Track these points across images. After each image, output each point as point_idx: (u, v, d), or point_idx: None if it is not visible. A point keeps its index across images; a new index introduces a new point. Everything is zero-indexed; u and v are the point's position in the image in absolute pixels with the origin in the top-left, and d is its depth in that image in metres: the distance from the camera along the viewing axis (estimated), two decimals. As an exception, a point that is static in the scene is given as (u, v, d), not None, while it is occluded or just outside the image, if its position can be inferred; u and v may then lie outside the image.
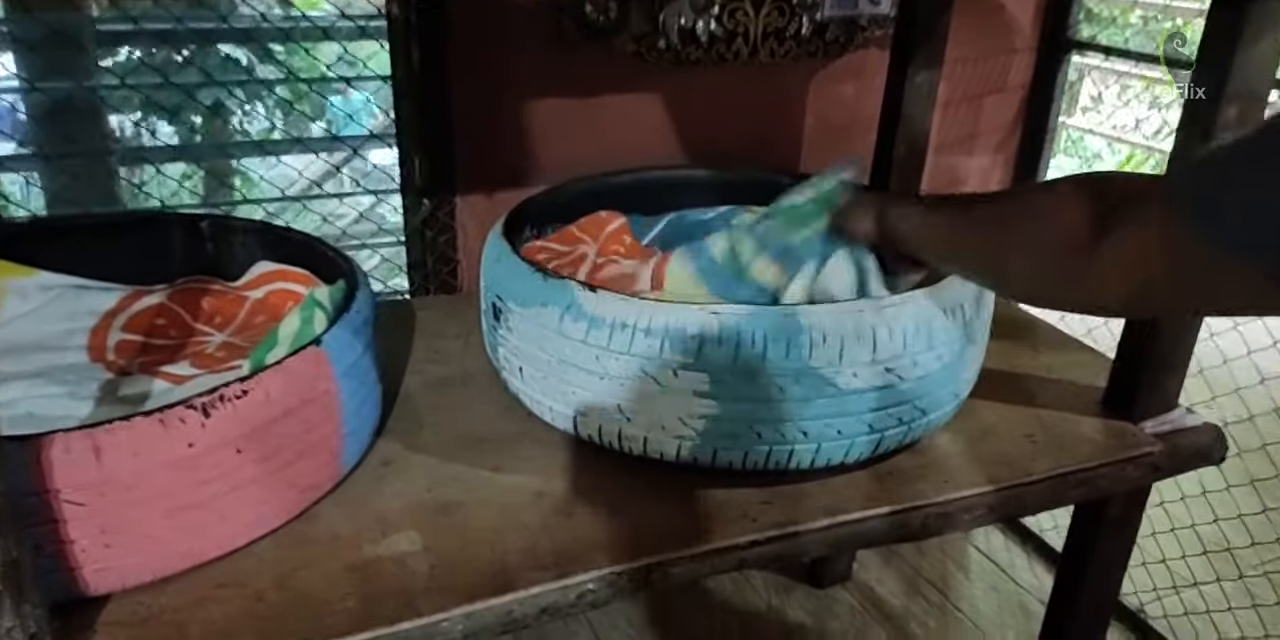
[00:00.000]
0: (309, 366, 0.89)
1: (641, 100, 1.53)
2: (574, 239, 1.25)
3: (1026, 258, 0.75)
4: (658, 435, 0.98)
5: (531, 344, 1.01)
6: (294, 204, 1.53)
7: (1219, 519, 1.69)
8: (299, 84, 1.67)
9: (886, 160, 1.54)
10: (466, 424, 1.10)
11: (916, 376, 0.99)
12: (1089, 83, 4.87)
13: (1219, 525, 1.69)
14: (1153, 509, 1.27)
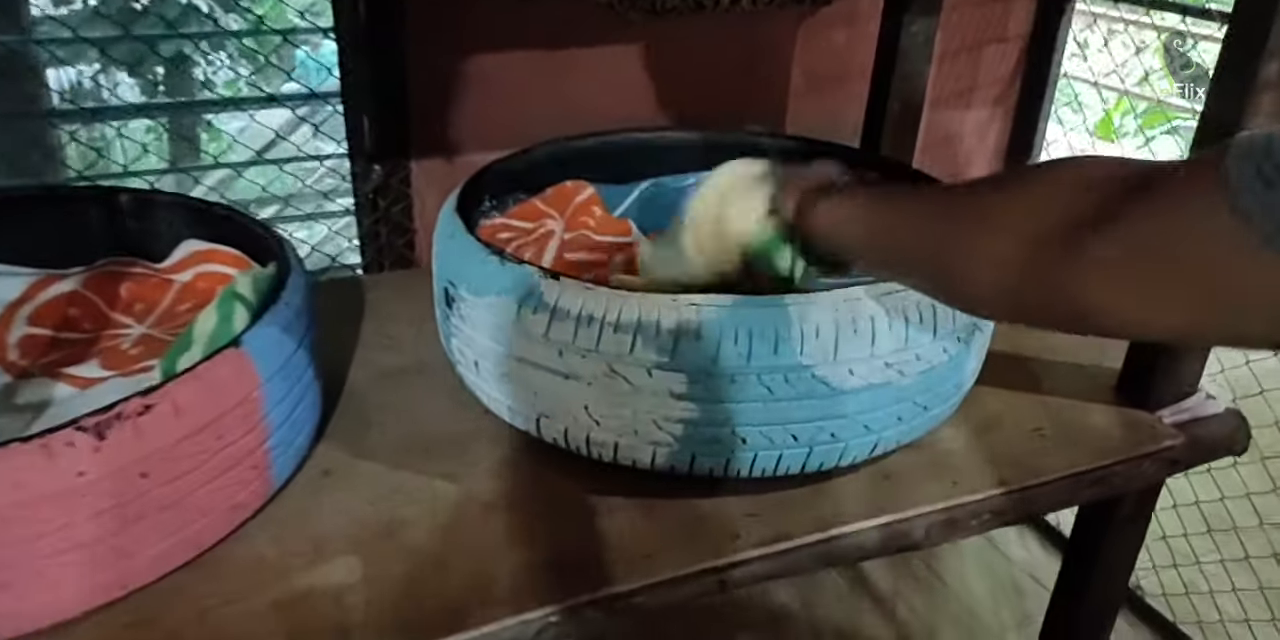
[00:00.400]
0: (228, 372, 0.77)
1: (613, 54, 1.39)
2: (538, 214, 1.12)
3: (996, 259, 0.57)
4: (630, 441, 0.87)
5: (487, 337, 0.90)
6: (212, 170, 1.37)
7: (1225, 497, 1.61)
8: (251, 37, 1.51)
9: (879, 117, 1.42)
10: (418, 423, 0.99)
11: (919, 371, 0.88)
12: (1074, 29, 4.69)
13: (1224, 503, 1.62)
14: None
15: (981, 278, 0.58)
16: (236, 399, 0.78)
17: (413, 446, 0.95)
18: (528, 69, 1.37)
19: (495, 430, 0.96)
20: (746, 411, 0.85)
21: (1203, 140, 0.97)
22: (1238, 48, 0.92)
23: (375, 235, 1.37)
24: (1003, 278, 0.56)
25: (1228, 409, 1.09)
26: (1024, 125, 1.80)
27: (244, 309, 0.84)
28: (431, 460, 0.94)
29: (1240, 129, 0.92)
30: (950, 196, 0.68)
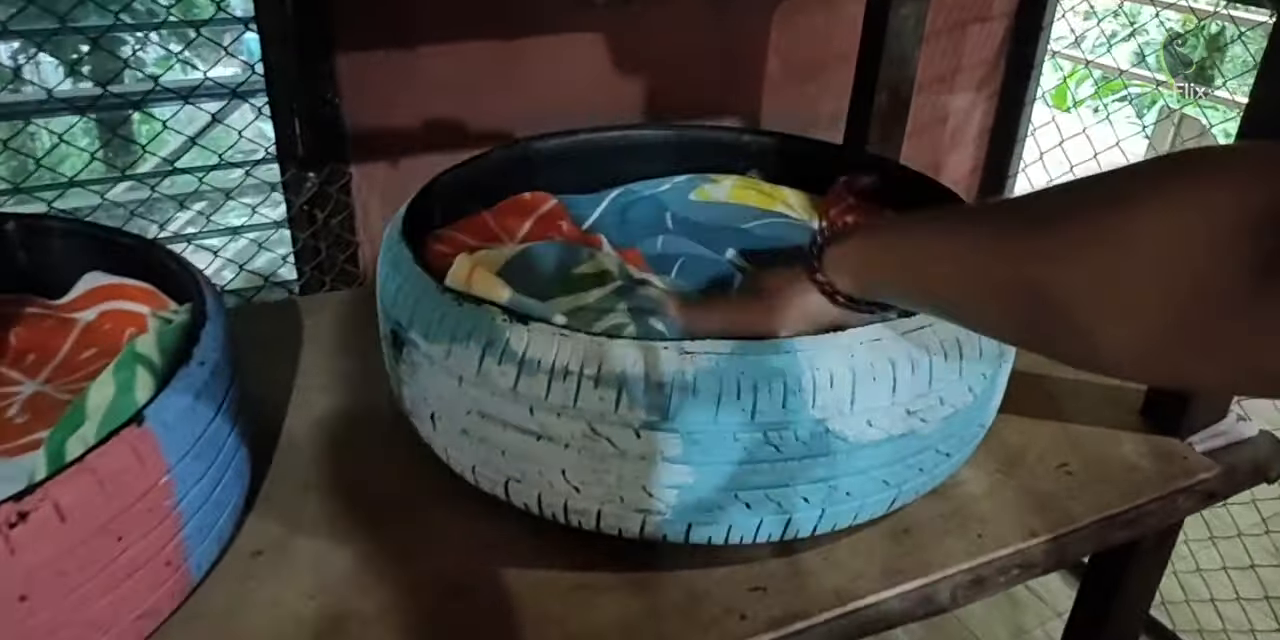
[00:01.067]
0: (128, 459, 0.63)
1: (573, 42, 1.25)
2: (488, 232, 0.98)
3: (1129, 307, 0.42)
4: (616, 509, 0.75)
5: (444, 388, 0.77)
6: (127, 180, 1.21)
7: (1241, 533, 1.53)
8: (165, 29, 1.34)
9: (865, 110, 1.30)
10: (366, 485, 0.86)
11: (943, 417, 0.77)
12: None
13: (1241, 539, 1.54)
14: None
15: (1108, 332, 0.43)
16: (140, 491, 0.64)
17: (361, 515, 0.82)
18: (478, 60, 1.23)
19: (458, 492, 0.83)
20: (751, 474, 0.73)
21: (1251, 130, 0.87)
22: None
23: (313, 250, 1.22)
24: (1140, 332, 0.42)
25: (1262, 431, 1.00)
26: (1010, 108, 1.69)
27: (147, 374, 0.70)
28: (385, 530, 0.81)
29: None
30: (1036, 220, 0.49)
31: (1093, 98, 4.66)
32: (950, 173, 1.72)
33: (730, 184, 1.12)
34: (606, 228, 1.07)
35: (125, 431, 0.64)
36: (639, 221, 1.07)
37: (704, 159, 1.16)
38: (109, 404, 0.68)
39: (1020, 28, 1.63)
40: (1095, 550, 0.91)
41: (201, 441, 0.70)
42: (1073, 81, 5.69)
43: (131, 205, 1.28)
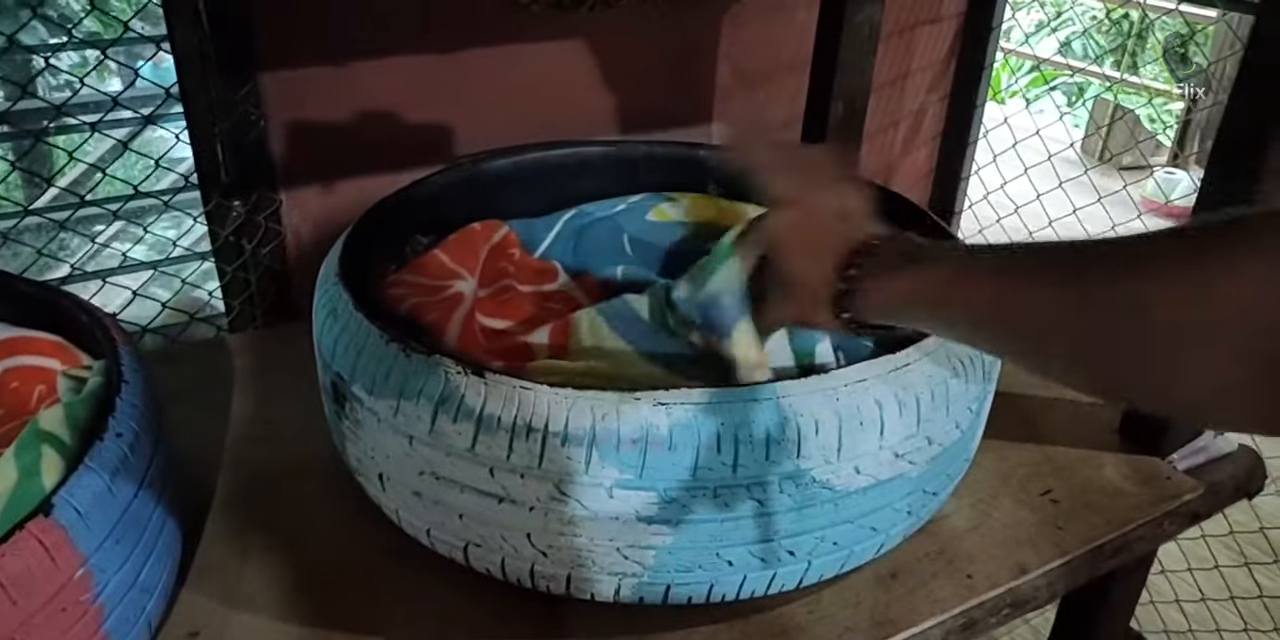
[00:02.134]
0: (33, 557, 0.56)
1: (516, 55, 1.18)
2: (445, 271, 0.91)
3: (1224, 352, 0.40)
4: (587, 573, 0.69)
5: (393, 447, 0.70)
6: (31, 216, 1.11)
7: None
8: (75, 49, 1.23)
9: (821, 119, 1.25)
10: (310, 551, 0.79)
11: (930, 457, 0.72)
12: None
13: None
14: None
15: (1209, 379, 0.41)
16: (51, 591, 0.56)
17: (305, 585, 0.75)
18: (414, 75, 1.15)
19: (413, 557, 0.76)
20: (733, 530, 0.68)
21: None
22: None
23: (242, 283, 1.14)
24: (1237, 374, 0.40)
25: (1241, 446, 0.98)
26: (961, 110, 1.66)
27: (55, 453, 0.62)
28: (332, 603, 0.74)
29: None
30: (1137, 263, 0.45)
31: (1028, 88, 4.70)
32: (905, 176, 1.69)
33: (688, 202, 1.07)
34: (561, 253, 1.01)
35: (31, 525, 0.56)
36: (595, 246, 1.01)
37: (661, 176, 1.10)
38: (10, 492, 0.60)
39: (970, 29, 1.60)
40: (1084, 580, 0.87)
41: (122, 524, 0.62)
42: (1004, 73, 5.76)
43: (36, 234, 1.18)
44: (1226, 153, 0.84)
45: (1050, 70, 4.69)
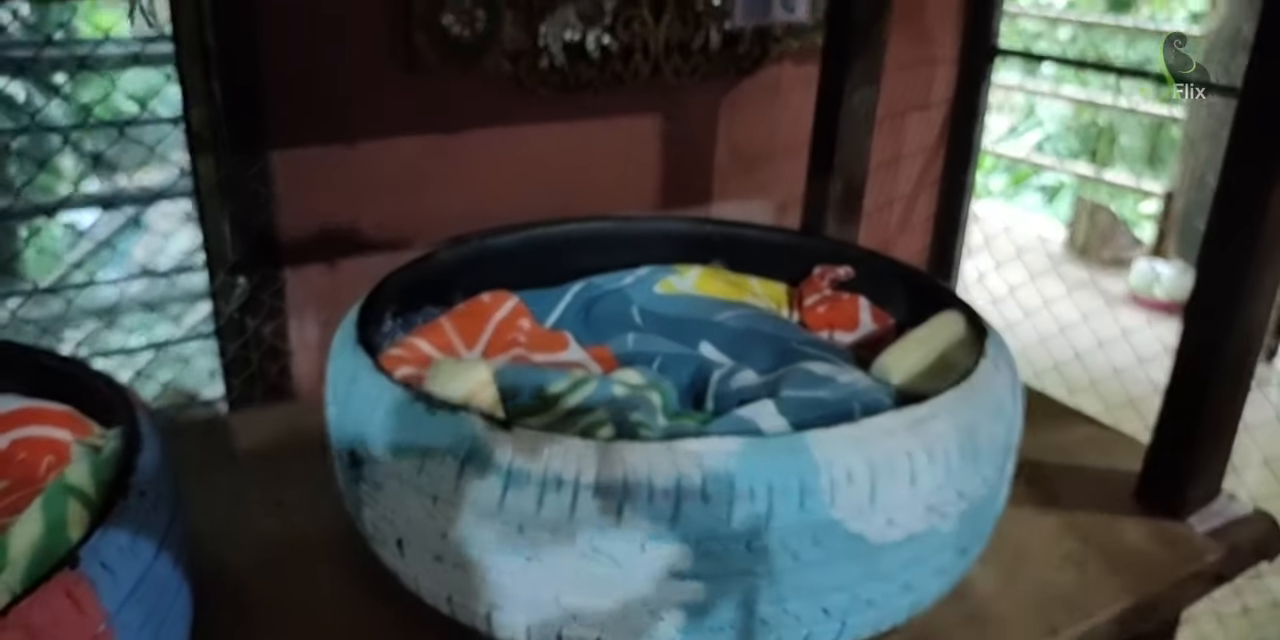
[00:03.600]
0: (61, 608, 0.54)
1: (521, 134, 1.22)
2: (445, 341, 0.91)
3: None
4: (617, 636, 0.67)
5: (414, 510, 0.69)
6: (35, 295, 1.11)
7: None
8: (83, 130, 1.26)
9: (821, 197, 1.28)
10: (323, 622, 0.76)
11: (960, 511, 0.72)
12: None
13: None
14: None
15: None
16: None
17: (318, 658, 0.72)
18: (418, 154, 1.18)
19: (430, 625, 0.73)
20: (768, 586, 0.66)
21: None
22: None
23: (243, 362, 1.13)
24: None
25: (1257, 510, 0.98)
26: (952, 194, 1.72)
27: (81, 508, 0.60)
28: (347, 678, 0.71)
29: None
30: None
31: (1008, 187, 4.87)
32: (901, 255, 1.73)
33: (695, 275, 1.08)
34: (571, 324, 1.02)
35: (60, 576, 0.55)
36: (605, 317, 1.02)
37: (666, 250, 1.12)
38: (36, 544, 0.58)
39: (957, 116, 1.67)
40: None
41: (143, 583, 0.60)
42: (982, 173, 5.94)
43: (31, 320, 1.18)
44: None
45: (1025, 169, 4.89)
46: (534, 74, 1.15)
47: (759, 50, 1.31)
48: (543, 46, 1.14)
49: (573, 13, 1.14)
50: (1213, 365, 0.90)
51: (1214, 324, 0.89)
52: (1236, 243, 0.86)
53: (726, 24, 1.26)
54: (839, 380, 0.86)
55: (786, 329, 1.02)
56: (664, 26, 1.21)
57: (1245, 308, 0.87)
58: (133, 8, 0.93)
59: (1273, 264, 0.86)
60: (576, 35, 1.16)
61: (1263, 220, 0.83)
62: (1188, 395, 0.92)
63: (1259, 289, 0.87)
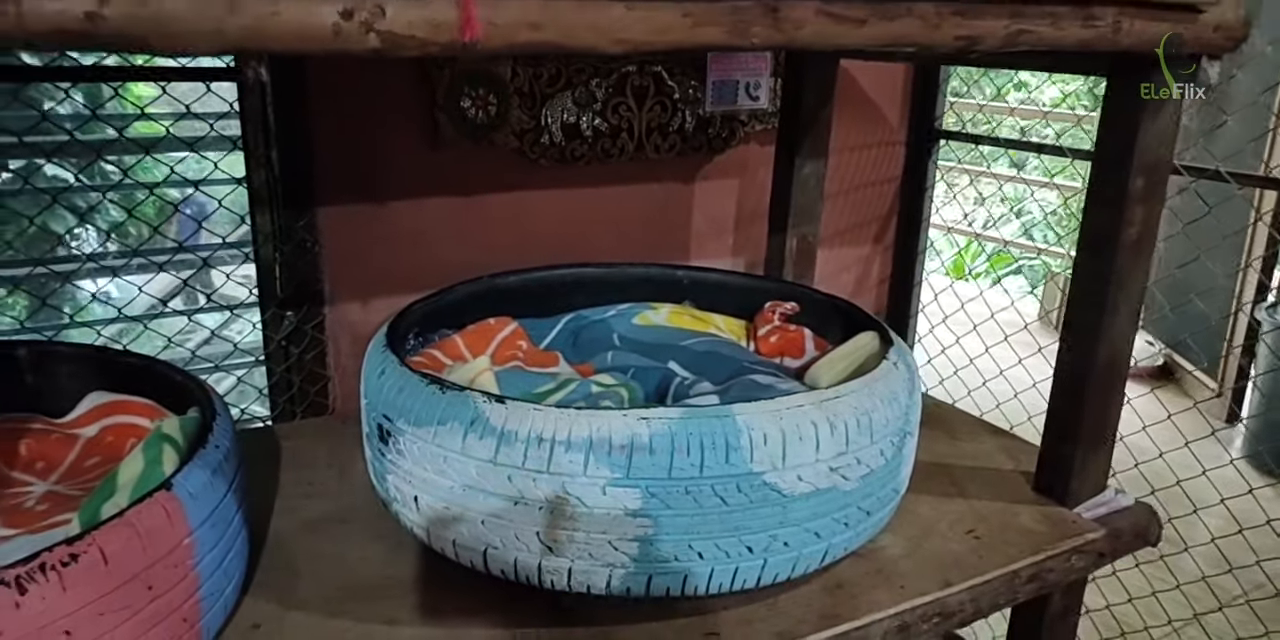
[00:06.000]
0: (158, 518, 0.72)
1: (526, 199, 1.45)
2: (457, 353, 1.12)
3: None
4: (585, 565, 0.85)
5: (429, 469, 0.88)
6: (134, 326, 1.33)
7: (1133, 599, 1.65)
8: (139, 192, 1.51)
9: (780, 252, 1.50)
10: (351, 570, 0.94)
11: (860, 475, 0.90)
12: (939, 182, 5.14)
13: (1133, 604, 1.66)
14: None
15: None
16: (168, 546, 0.73)
17: (348, 594, 0.90)
18: (439, 213, 1.41)
19: (437, 570, 0.92)
20: (701, 524, 0.84)
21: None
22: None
23: (287, 384, 1.33)
24: None
25: (1139, 501, 1.15)
26: (903, 258, 1.93)
27: (173, 451, 0.80)
28: (371, 606, 0.88)
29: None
30: None
31: (990, 267, 5.10)
32: (857, 314, 1.93)
33: (668, 311, 1.29)
34: (562, 347, 1.22)
35: (158, 494, 0.73)
36: (590, 341, 1.23)
37: (644, 291, 1.33)
38: (139, 475, 0.77)
39: (906, 189, 1.90)
40: (1007, 603, 1.02)
41: (216, 513, 0.79)
42: (967, 256, 6.20)
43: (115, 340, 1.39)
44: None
45: (1009, 253, 5.13)
46: (536, 149, 1.39)
47: (728, 132, 1.55)
48: (544, 126, 1.38)
49: (570, 99, 1.38)
50: (1086, 374, 1.08)
51: (1083, 340, 1.08)
52: (1097, 268, 1.05)
53: (699, 110, 1.50)
54: (778, 387, 1.06)
55: (742, 352, 1.22)
56: (646, 111, 1.45)
57: (1108, 327, 1.07)
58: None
59: (1126, 290, 1.06)
60: (572, 118, 1.40)
61: (1115, 253, 1.04)
62: (1067, 400, 1.11)
63: (1117, 308, 1.06)
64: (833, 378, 1.07)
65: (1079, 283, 1.09)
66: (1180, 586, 1.62)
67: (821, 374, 1.09)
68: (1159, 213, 1.04)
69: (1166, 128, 1.00)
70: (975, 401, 1.82)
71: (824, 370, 1.10)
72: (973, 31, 0.76)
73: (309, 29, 0.52)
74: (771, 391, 1.02)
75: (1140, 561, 1.60)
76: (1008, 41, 0.79)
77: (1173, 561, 1.64)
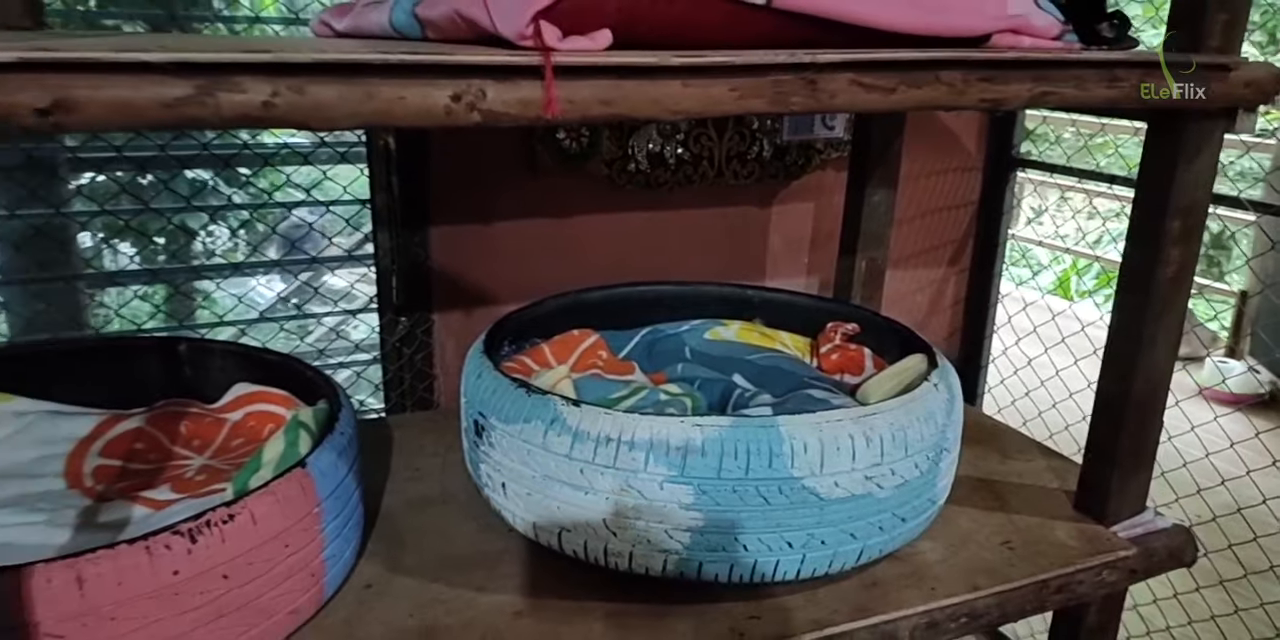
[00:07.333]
0: (295, 489, 0.89)
1: (614, 220, 1.59)
2: (543, 360, 1.27)
3: None
4: (643, 549, 0.98)
5: (515, 460, 1.02)
6: (263, 324, 1.54)
7: (1192, 621, 1.69)
8: (268, 208, 1.72)
9: (849, 275, 1.60)
10: (448, 543, 1.09)
11: (895, 485, 1.01)
12: (1031, 196, 5.11)
13: (1193, 628, 1.70)
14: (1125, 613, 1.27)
15: None
16: (302, 513, 0.89)
17: (445, 564, 1.05)
18: (536, 233, 1.56)
19: (520, 548, 1.06)
20: (746, 519, 0.96)
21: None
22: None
23: (399, 381, 1.51)
24: None
25: (1175, 524, 1.21)
26: (980, 281, 2.00)
27: (307, 435, 0.96)
28: (463, 574, 1.03)
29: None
30: None
31: (1096, 287, 5.01)
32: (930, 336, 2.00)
33: (737, 327, 1.42)
34: (638, 357, 1.36)
35: (295, 471, 0.90)
36: (664, 353, 1.36)
37: (716, 309, 1.46)
38: (280, 454, 0.94)
39: (984, 213, 1.97)
40: (1036, 610, 1.10)
41: (340, 488, 0.95)
42: (1075, 273, 6.07)
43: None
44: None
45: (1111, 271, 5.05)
46: (624, 175, 1.53)
47: (804, 159, 1.65)
48: (631, 155, 1.52)
49: (654, 130, 1.52)
50: (1124, 403, 1.16)
51: (1121, 371, 1.15)
52: (1136, 304, 1.13)
53: (777, 139, 1.62)
54: (830, 401, 1.17)
55: (803, 368, 1.33)
56: (726, 141, 1.57)
57: (1145, 359, 1.14)
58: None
59: (1165, 321, 1.13)
60: (657, 147, 1.53)
61: (1152, 290, 1.11)
62: (1107, 426, 1.18)
63: (1155, 341, 1.13)
64: (881, 395, 1.17)
65: (1119, 317, 1.16)
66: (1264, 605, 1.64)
67: (871, 391, 1.20)
68: (1196, 252, 1.11)
69: (1203, 172, 1.06)
70: (1045, 422, 1.87)
71: (874, 388, 1.20)
72: (998, 95, 0.86)
73: (427, 110, 0.67)
74: (822, 405, 1.13)
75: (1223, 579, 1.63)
76: (1033, 103, 0.89)
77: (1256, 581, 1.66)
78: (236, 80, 0.62)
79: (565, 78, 0.69)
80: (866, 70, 0.79)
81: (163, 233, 2.47)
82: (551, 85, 0.68)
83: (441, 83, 0.66)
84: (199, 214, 1.67)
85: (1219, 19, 0.97)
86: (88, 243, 2.68)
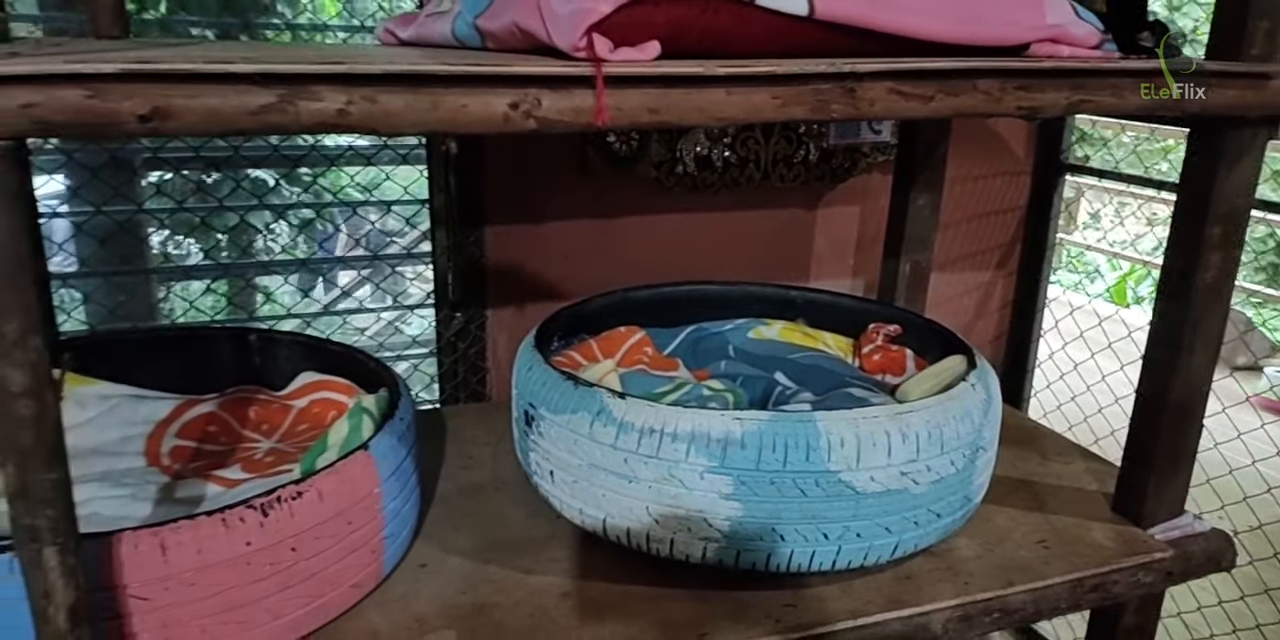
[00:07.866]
0: (358, 470, 0.95)
1: (662, 221, 1.63)
2: (591, 355, 1.32)
3: None
4: (684, 537, 1.02)
5: (563, 449, 1.07)
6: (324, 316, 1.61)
7: (1237, 630, 1.68)
8: (328, 207, 1.80)
9: (893, 277, 1.63)
10: (499, 527, 1.15)
11: (930, 481, 1.03)
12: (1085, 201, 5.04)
13: (1237, 636, 1.69)
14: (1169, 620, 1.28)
15: None
16: (364, 492, 0.95)
17: (496, 546, 1.11)
18: (586, 233, 1.61)
19: (567, 533, 1.11)
20: (784, 511, 1.00)
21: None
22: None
23: (453, 373, 1.57)
24: None
25: (1214, 529, 1.22)
26: (1027, 285, 2.00)
27: (370, 421, 1.02)
28: (513, 556, 1.09)
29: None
30: None
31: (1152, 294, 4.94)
32: (976, 338, 2.01)
33: (780, 327, 1.45)
34: (683, 355, 1.40)
35: (358, 453, 0.96)
36: (708, 351, 1.40)
37: (760, 309, 1.49)
38: (345, 437, 1.00)
39: (1032, 217, 1.97)
40: (1069, 608, 1.12)
41: (399, 471, 1.01)
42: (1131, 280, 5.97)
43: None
44: None
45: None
46: (672, 178, 1.57)
47: (850, 163, 1.68)
48: (679, 158, 1.56)
49: (702, 134, 1.56)
50: (1162, 408, 1.17)
51: (1161, 377, 1.16)
52: (1175, 310, 1.14)
53: (823, 142, 1.65)
54: (870, 400, 1.20)
55: (844, 367, 1.36)
56: (772, 144, 1.61)
57: (1184, 365, 1.15)
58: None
59: (1203, 331, 1.14)
60: (704, 150, 1.58)
61: (1192, 296, 1.12)
62: (1146, 431, 1.19)
63: (1194, 347, 1.14)
64: (919, 394, 1.20)
65: (1158, 323, 1.17)
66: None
67: (910, 390, 1.23)
68: (1237, 258, 1.12)
69: (1245, 178, 1.08)
70: (1091, 427, 1.87)
71: (913, 387, 1.23)
72: (1035, 103, 0.89)
73: (487, 117, 0.72)
74: (861, 403, 1.16)
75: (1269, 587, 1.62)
76: (1069, 110, 0.91)
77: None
78: (314, 89, 0.67)
79: (615, 87, 0.73)
80: (905, 79, 0.83)
81: (229, 230, 2.58)
82: (602, 94, 0.73)
83: (501, 91, 0.71)
84: (261, 212, 1.76)
85: (1260, 27, 0.98)
86: (156, 238, 2.81)
